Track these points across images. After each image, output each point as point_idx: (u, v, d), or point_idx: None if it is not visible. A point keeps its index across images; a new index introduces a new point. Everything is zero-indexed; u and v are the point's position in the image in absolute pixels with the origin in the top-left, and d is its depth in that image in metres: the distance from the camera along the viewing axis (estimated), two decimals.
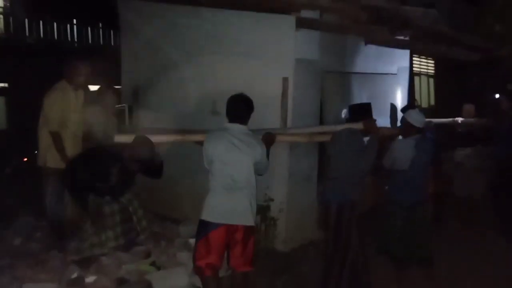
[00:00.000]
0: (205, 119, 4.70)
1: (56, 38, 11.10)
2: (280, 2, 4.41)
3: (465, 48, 6.42)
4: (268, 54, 4.63)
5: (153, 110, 5.67)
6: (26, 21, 10.56)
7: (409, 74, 7.33)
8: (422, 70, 7.98)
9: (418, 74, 7.80)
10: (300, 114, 4.61)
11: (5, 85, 10.05)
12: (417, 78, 7.72)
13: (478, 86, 7.33)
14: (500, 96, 6.04)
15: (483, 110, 6.30)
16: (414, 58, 7.63)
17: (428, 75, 8.14)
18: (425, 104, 7.75)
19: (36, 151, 4.29)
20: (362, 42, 5.26)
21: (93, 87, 5.61)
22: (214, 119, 3.21)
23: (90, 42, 11.85)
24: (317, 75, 4.89)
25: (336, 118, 5.06)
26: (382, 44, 5.73)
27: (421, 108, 6.38)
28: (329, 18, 4.85)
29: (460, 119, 6.08)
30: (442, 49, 6.20)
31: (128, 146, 3.58)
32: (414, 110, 4.06)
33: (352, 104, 4.17)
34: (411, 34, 5.24)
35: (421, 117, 3.90)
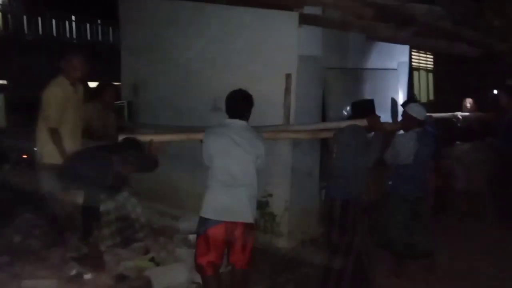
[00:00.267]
0: (206, 116, 4.69)
1: (55, 34, 11.10)
2: None
3: (465, 43, 6.40)
4: (270, 50, 4.60)
5: (153, 106, 5.68)
6: (24, 18, 10.55)
7: (408, 69, 7.33)
8: (422, 65, 7.97)
9: (418, 69, 7.79)
10: (302, 110, 4.59)
11: (4, 82, 10.06)
12: (416, 73, 7.70)
13: (477, 81, 7.32)
14: (499, 91, 6.03)
15: (483, 105, 6.30)
16: (413, 53, 7.63)
17: (427, 70, 8.13)
18: (424, 99, 7.73)
19: (35, 148, 4.28)
20: (364, 38, 5.25)
21: (92, 84, 5.62)
22: (216, 116, 3.19)
23: (89, 38, 11.84)
24: (319, 71, 4.87)
25: (338, 115, 5.05)
26: (385, 40, 5.71)
27: (420, 103, 6.36)
28: (331, 14, 4.82)
29: (459, 114, 6.09)
30: (442, 44, 6.16)
31: (118, 149, 3.53)
32: (415, 103, 4.07)
33: (355, 101, 4.16)
34: (415, 30, 5.20)
35: (422, 109, 3.91)
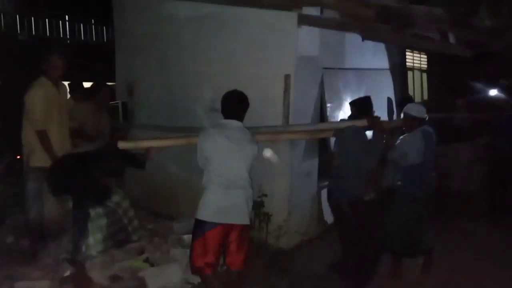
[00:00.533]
0: (204, 116, 4.62)
1: (48, 34, 11.03)
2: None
3: (461, 43, 6.42)
4: (269, 50, 4.57)
5: (149, 107, 5.64)
6: (17, 17, 10.47)
7: (402, 69, 7.36)
8: (415, 64, 7.99)
9: (411, 69, 7.81)
10: (301, 111, 4.59)
11: None
12: (410, 73, 7.73)
13: (471, 80, 7.35)
14: (495, 89, 6.09)
15: (477, 105, 6.34)
16: (407, 53, 7.65)
17: (421, 70, 8.16)
18: (418, 99, 7.75)
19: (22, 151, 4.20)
20: (359, 38, 5.26)
21: (86, 84, 5.58)
22: (214, 116, 3.17)
23: (82, 38, 11.78)
24: (317, 72, 4.87)
25: (334, 115, 5.06)
26: (382, 40, 5.70)
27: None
28: (329, 15, 4.82)
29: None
30: (438, 45, 6.17)
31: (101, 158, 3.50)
32: (413, 103, 4.09)
33: (352, 100, 4.17)
34: (414, 31, 5.20)
35: (422, 108, 3.91)
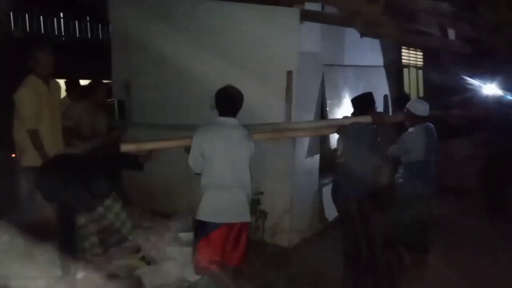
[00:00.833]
0: (204, 114, 4.57)
1: (42, 31, 10.96)
2: None
3: (460, 39, 6.42)
4: (271, 47, 4.55)
5: (147, 105, 5.57)
6: (11, 14, 10.40)
7: (398, 66, 7.37)
8: (411, 62, 8.00)
9: (407, 66, 7.82)
10: (302, 108, 4.59)
11: None
12: (406, 70, 7.74)
13: (467, 77, 7.37)
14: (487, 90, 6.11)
15: (472, 102, 6.35)
16: (403, 50, 7.66)
17: (416, 67, 8.17)
18: (414, 96, 7.77)
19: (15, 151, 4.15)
20: (358, 35, 5.26)
21: (83, 82, 5.55)
22: (214, 114, 3.15)
23: (77, 35, 11.71)
24: (318, 68, 4.87)
25: (334, 112, 5.06)
26: (381, 37, 5.67)
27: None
28: (330, 10, 4.80)
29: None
30: (437, 41, 6.14)
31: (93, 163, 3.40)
32: (417, 100, 4.09)
33: (355, 97, 4.16)
34: (415, 27, 5.15)
35: (424, 106, 3.90)
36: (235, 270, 3.17)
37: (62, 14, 11.35)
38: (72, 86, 5.24)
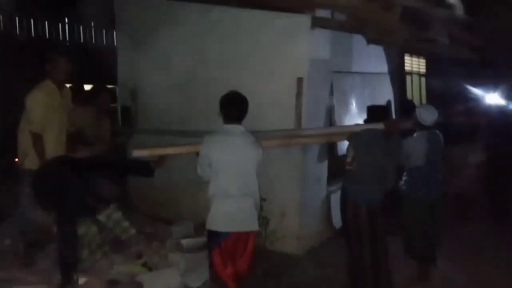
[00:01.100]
0: (212, 121, 4.56)
1: (47, 36, 11.02)
2: (301, 2, 4.30)
3: (467, 46, 6.41)
4: (281, 53, 4.54)
5: (154, 111, 5.52)
6: (16, 18, 10.47)
7: (401, 73, 7.36)
8: (414, 69, 8.00)
9: (410, 73, 7.81)
10: (312, 114, 4.59)
11: None
12: (408, 77, 7.73)
13: (470, 85, 7.37)
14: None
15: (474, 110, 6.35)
16: (406, 57, 7.66)
17: (419, 74, 8.17)
18: (417, 103, 7.77)
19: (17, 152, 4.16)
20: (364, 42, 5.26)
21: (87, 87, 5.54)
22: (221, 121, 3.13)
23: (81, 40, 11.76)
24: (328, 75, 4.87)
25: (342, 119, 5.05)
26: (389, 44, 5.65)
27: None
28: (339, 16, 4.80)
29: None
30: (446, 48, 6.12)
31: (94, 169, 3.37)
32: (425, 107, 4.05)
33: (372, 105, 4.15)
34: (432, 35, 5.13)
35: (431, 115, 3.88)
36: (243, 277, 3.14)
37: (66, 19, 11.42)
38: (76, 91, 5.23)
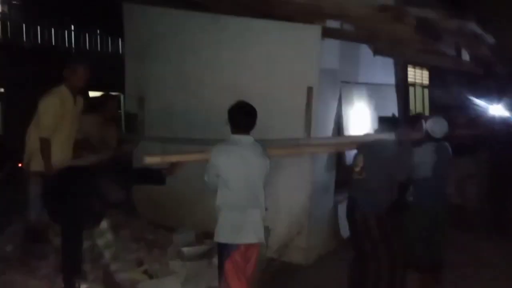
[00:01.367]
0: (221, 129, 4.55)
1: (53, 43, 11.14)
2: (313, 12, 4.28)
3: (473, 59, 6.41)
4: (292, 63, 4.55)
5: (162, 119, 5.47)
6: (23, 26, 10.59)
7: (405, 84, 7.38)
8: (417, 80, 8.02)
9: (413, 85, 7.83)
10: (321, 124, 4.61)
11: (1, 90, 10.06)
12: (411, 89, 7.75)
13: (473, 96, 7.39)
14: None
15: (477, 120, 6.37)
16: (409, 68, 7.68)
17: (422, 86, 8.19)
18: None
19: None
20: (371, 53, 5.28)
21: (92, 93, 5.58)
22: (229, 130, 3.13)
23: (87, 47, 11.87)
24: (336, 85, 4.90)
25: (350, 129, 5.06)
26: (396, 56, 5.67)
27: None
28: (348, 27, 4.81)
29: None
30: (453, 60, 6.12)
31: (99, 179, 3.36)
32: (435, 120, 4.04)
33: (383, 116, 4.19)
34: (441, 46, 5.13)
35: (442, 127, 3.90)
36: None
37: (72, 27, 11.54)
38: (83, 98, 5.27)
